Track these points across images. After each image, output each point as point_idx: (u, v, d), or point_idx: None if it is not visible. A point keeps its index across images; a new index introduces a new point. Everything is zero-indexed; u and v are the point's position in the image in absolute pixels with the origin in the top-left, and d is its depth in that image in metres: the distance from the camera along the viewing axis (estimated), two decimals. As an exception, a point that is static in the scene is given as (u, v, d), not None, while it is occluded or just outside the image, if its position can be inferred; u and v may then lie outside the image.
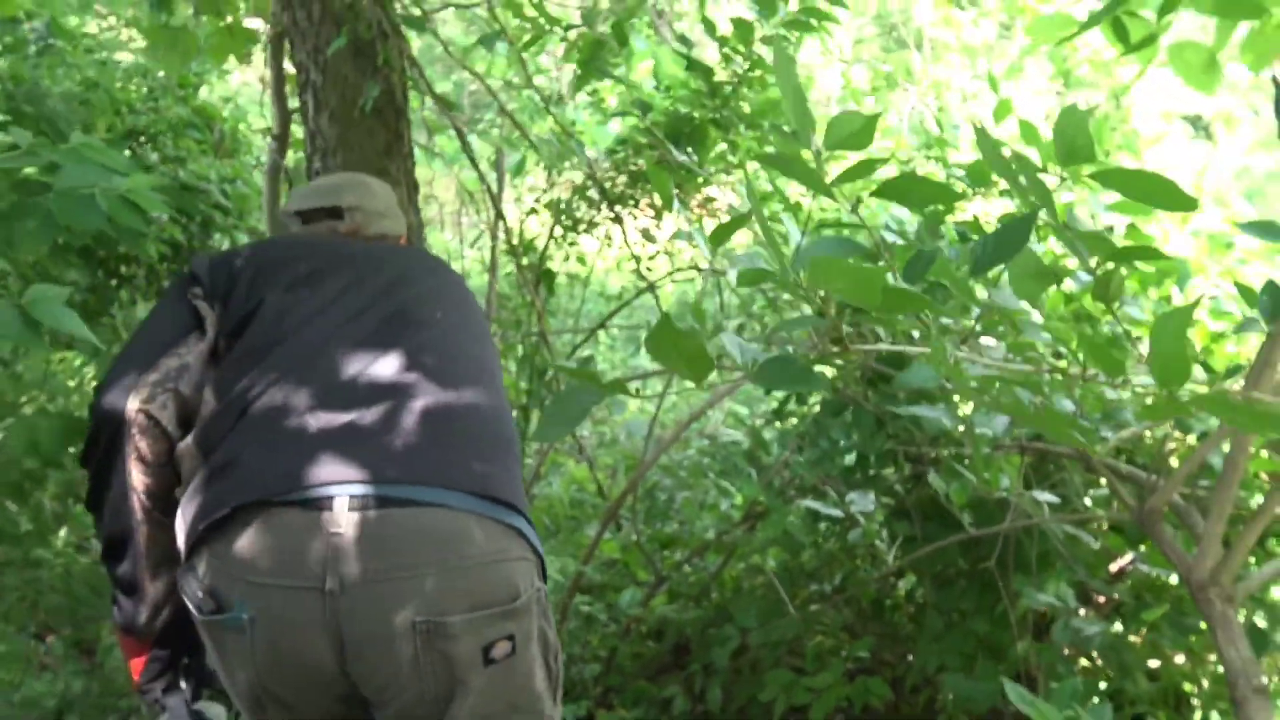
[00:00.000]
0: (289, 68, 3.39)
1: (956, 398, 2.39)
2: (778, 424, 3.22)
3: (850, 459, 2.73)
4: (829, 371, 2.82)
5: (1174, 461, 2.24)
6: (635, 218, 4.04)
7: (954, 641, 2.52)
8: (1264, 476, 2.28)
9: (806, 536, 2.84)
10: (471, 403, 1.64)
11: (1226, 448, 1.77)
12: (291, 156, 4.02)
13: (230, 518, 1.48)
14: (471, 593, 1.47)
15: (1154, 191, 1.25)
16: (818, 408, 2.86)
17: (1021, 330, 1.56)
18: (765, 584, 2.99)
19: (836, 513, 2.60)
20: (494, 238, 4.41)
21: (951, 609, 2.61)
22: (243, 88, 7.20)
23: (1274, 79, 4.00)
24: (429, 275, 1.87)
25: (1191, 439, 2.28)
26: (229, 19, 3.40)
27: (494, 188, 4.45)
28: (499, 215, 4.17)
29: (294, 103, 3.44)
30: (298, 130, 3.68)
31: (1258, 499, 2.33)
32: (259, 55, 4.06)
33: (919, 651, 2.67)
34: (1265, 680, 1.53)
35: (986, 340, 2.12)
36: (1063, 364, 1.45)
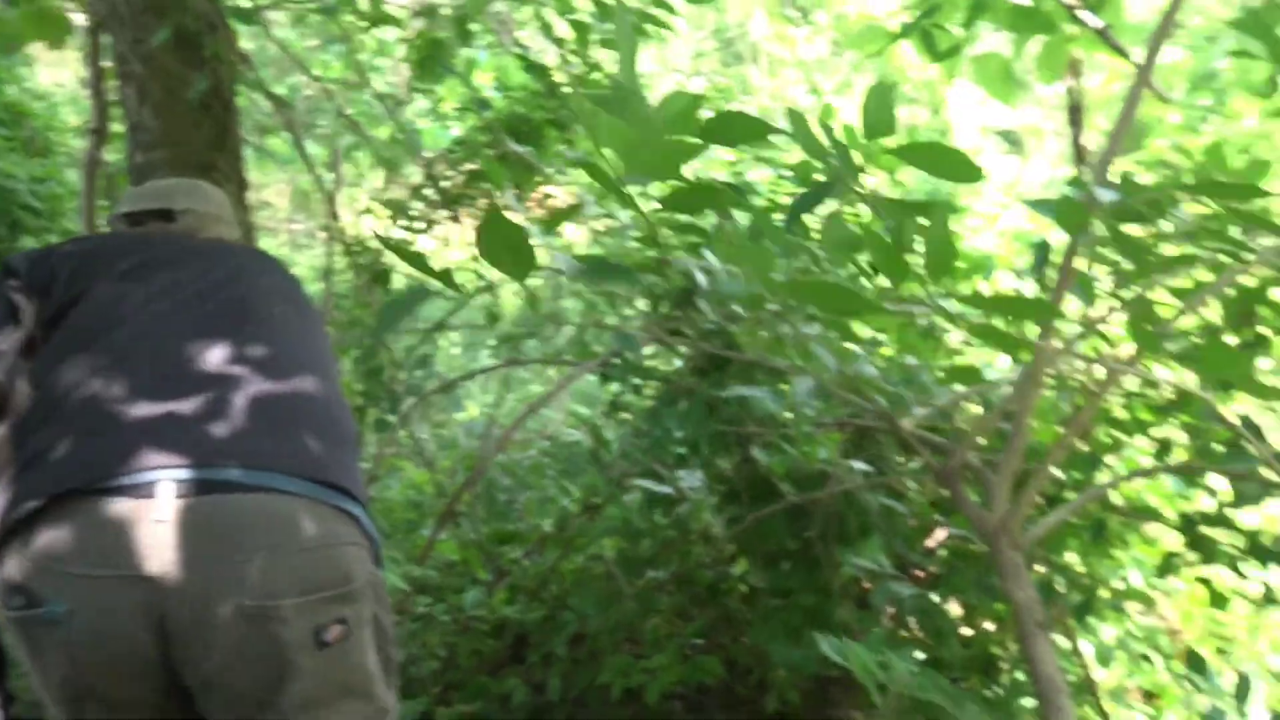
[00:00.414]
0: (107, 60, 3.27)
1: (783, 385, 2.51)
2: (614, 417, 3.28)
3: (682, 449, 2.81)
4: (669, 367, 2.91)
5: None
6: (473, 217, 4.05)
7: (783, 618, 2.62)
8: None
9: (643, 524, 2.91)
10: (305, 392, 1.62)
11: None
12: (112, 156, 3.86)
13: (45, 509, 1.42)
14: (303, 577, 1.45)
15: (945, 163, 1.38)
16: (652, 400, 2.94)
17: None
18: (604, 573, 3.03)
19: (668, 489, 2.68)
20: (329, 239, 4.35)
21: (781, 588, 2.72)
22: (55, 88, 6.84)
23: (1068, 90, 4.31)
24: (264, 272, 1.84)
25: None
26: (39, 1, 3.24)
27: (329, 189, 4.38)
28: (334, 216, 4.12)
29: (114, 95, 3.30)
30: (117, 126, 3.53)
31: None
32: (74, 53, 3.88)
33: (751, 631, 2.76)
34: (1046, 618, 1.67)
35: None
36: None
